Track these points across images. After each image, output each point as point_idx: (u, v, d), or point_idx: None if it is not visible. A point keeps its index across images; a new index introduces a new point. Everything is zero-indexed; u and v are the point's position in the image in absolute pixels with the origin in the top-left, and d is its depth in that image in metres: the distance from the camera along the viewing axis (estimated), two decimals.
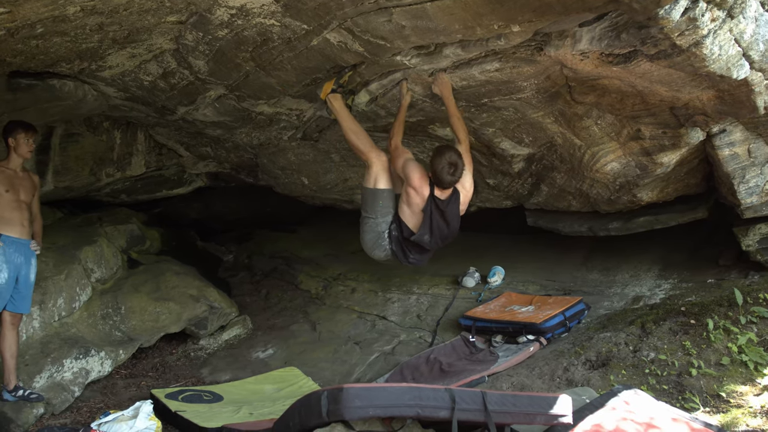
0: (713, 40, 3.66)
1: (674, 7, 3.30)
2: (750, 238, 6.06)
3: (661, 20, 3.35)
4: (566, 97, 5.13)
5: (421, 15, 4.13)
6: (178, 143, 8.56)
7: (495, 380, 5.65)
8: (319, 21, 4.57)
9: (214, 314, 7.92)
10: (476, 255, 8.41)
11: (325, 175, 8.08)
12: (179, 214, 10.92)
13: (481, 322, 6.62)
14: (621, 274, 7.32)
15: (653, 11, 3.32)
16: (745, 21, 3.76)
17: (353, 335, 7.53)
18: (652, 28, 3.55)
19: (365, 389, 3.89)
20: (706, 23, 3.51)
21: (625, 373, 5.25)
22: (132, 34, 4.92)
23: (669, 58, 3.83)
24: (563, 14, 3.78)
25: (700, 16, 3.43)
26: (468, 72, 4.94)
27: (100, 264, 7.77)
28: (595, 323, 6.28)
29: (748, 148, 5.44)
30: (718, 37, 3.68)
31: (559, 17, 3.85)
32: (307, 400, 4.06)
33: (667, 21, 3.35)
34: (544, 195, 7.06)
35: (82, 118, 7.54)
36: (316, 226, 11.23)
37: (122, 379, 6.94)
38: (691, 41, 3.60)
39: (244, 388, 6.50)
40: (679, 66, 3.89)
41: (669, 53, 3.77)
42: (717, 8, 3.50)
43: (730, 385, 4.84)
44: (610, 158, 5.78)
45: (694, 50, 3.66)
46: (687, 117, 4.84)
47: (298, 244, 10.81)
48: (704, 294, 6.11)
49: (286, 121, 6.79)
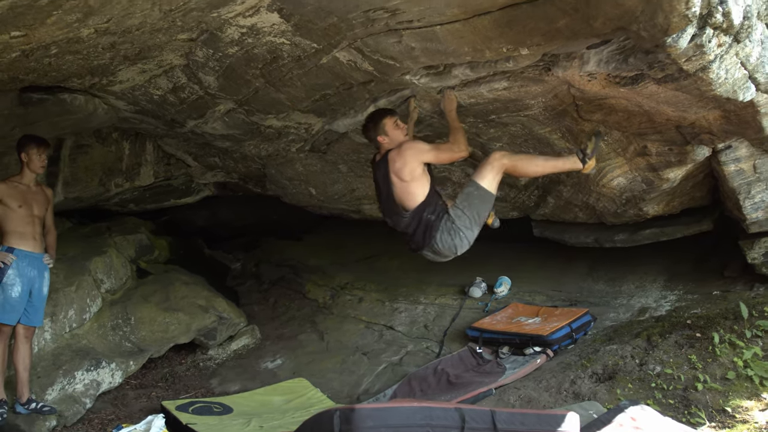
0: (720, 65, 3.70)
1: (682, 35, 3.35)
2: (756, 251, 6.10)
3: (669, 48, 3.40)
4: (573, 114, 5.17)
5: (431, 37, 4.18)
6: (187, 154, 8.61)
7: (502, 393, 5.68)
8: (329, 41, 4.63)
9: (222, 324, 7.98)
10: (482, 264, 8.43)
11: (333, 185, 8.13)
12: (186, 221, 10.97)
13: (488, 333, 6.66)
14: (627, 284, 7.35)
15: (661, 39, 3.37)
16: (751, 44, 3.81)
17: (361, 345, 7.57)
18: (659, 53, 3.60)
19: (377, 410, 3.93)
20: (713, 49, 3.55)
21: (631, 386, 5.28)
22: (143, 51, 4.99)
23: (676, 82, 3.87)
24: (571, 39, 3.84)
25: (707, 42, 3.48)
26: (476, 90, 4.99)
27: (109, 275, 7.84)
28: (602, 335, 6.31)
29: (754, 164, 5.48)
30: (725, 62, 3.72)
31: (568, 41, 3.91)
32: (319, 419, 4.09)
33: (674, 49, 3.40)
34: (550, 207, 7.10)
35: (92, 130, 7.60)
36: (323, 234, 11.28)
37: (132, 389, 7.00)
38: (698, 66, 3.64)
39: (254, 400, 6.53)
40: (685, 89, 3.94)
41: (676, 77, 3.82)
42: (724, 34, 3.54)
43: (735, 400, 4.87)
44: (616, 173, 5.82)
45: (701, 75, 3.71)
46: (693, 135, 4.88)
47: (304, 252, 10.85)
48: (710, 306, 6.14)
49: (295, 134, 6.84)
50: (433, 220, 4.91)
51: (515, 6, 3.60)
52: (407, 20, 4.05)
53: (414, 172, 4.87)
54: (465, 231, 4.88)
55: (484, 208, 4.90)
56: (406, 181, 4.89)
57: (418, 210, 4.95)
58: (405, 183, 4.91)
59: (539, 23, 3.70)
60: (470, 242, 4.99)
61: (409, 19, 4.03)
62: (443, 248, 4.97)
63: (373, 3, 3.87)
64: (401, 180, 4.91)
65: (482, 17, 3.79)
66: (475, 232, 4.95)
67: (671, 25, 3.23)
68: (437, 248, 5.00)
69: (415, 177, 4.88)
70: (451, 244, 4.92)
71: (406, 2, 3.79)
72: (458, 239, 4.89)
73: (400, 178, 4.91)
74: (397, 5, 3.85)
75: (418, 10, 3.87)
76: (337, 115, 6.16)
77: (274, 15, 4.37)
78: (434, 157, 4.94)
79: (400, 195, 4.97)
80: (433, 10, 3.83)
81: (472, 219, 4.87)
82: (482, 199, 4.86)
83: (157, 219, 10.21)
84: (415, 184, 4.90)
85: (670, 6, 3.10)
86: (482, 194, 4.85)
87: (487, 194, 4.87)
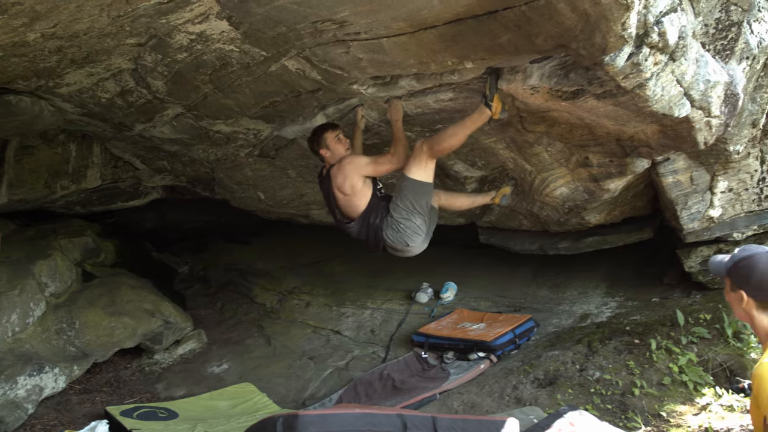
0: (656, 82, 3.82)
1: (619, 54, 3.46)
2: (692, 260, 6.28)
3: (607, 66, 3.51)
4: (517, 126, 5.27)
5: (378, 49, 4.24)
6: (135, 156, 8.54)
7: (446, 398, 5.77)
8: (277, 49, 4.66)
9: (169, 329, 7.94)
10: (429, 270, 8.51)
11: (282, 190, 8.14)
12: (134, 224, 10.87)
13: (433, 338, 6.75)
14: (570, 291, 7.49)
15: (599, 57, 3.47)
16: (686, 63, 3.93)
17: (308, 350, 7.60)
18: (598, 70, 3.71)
19: (320, 416, 3.98)
20: (649, 67, 3.67)
21: (571, 391, 5.40)
22: (91, 55, 4.95)
23: (614, 98, 3.98)
24: (514, 54, 3.92)
25: (643, 60, 3.59)
26: (423, 100, 5.06)
27: (54, 278, 7.74)
28: (544, 341, 6.43)
29: (691, 176, 5.64)
30: (661, 79, 3.84)
31: (511, 56, 4.00)
32: (263, 425, 4.13)
33: (612, 67, 3.51)
34: (495, 214, 7.21)
35: (38, 132, 7.50)
36: (272, 238, 11.26)
37: (76, 395, 6.92)
38: (635, 83, 3.75)
39: (199, 405, 6.52)
40: (624, 104, 4.06)
41: (614, 93, 3.93)
42: (660, 52, 3.66)
43: (670, 405, 5.01)
44: (559, 183, 5.95)
45: (638, 91, 3.82)
46: (632, 148, 5.02)
47: (253, 256, 10.83)
48: (648, 313, 6.30)
49: (244, 140, 6.84)
50: (378, 222, 5.08)
51: (460, 21, 3.66)
52: (355, 32, 4.09)
53: (355, 186, 5.03)
54: (405, 222, 5.00)
55: (420, 198, 5.00)
56: (348, 195, 5.07)
57: (363, 217, 5.12)
58: (348, 197, 5.08)
59: (483, 38, 3.78)
60: (420, 232, 5.10)
61: (357, 31, 4.07)
62: (395, 243, 5.12)
63: (321, 15, 3.91)
64: (344, 194, 5.09)
65: (428, 31, 3.86)
66: (416, 220, 5.03)
67: (609, 44, 3.33)
68: (391, 245, 5.16)
69: (356, 191, 5.05)
70: (399, 238, 5.07)
71: (353, 15, 3.84)
72: (403, 232, 5.03)
73: (342, 193, 5.09)
74: (344, 18, 3.89)
75: (366, 22, 3.91)
76: (285, 121, 6.18)
77: (224, 23, 4.38)
78: (373, 170, 5.08)
79: (345, 207, 5.16)
80: (380, 23, 3.88)
81: (409, 210, 4.98)
82: (414, 190, 4.97)
83: (103, 221, 10.09)
84: (357, 196, 5.08)
85: (608, 27, 3.20)
86: (412, 185, 4.96)
87: (417, 184, 4.97)
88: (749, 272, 2.54)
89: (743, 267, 2.57)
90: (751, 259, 2.56)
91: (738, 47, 4.53)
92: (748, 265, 2.56)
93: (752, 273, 2.54)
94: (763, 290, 2.54)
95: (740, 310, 2.63)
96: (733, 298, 2.64)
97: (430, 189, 5.07)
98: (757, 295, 2.54)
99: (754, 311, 2.57)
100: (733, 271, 2.61)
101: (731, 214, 5.91)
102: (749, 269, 2.55)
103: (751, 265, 2.55)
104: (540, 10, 3.30)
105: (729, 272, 2.63)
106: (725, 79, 4.35)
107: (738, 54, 4.57)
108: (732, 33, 4.47)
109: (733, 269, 2.61)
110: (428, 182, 5.02)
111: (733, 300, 2.65)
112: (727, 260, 2.65)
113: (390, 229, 5.05)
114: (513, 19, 3.46)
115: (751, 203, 5.86)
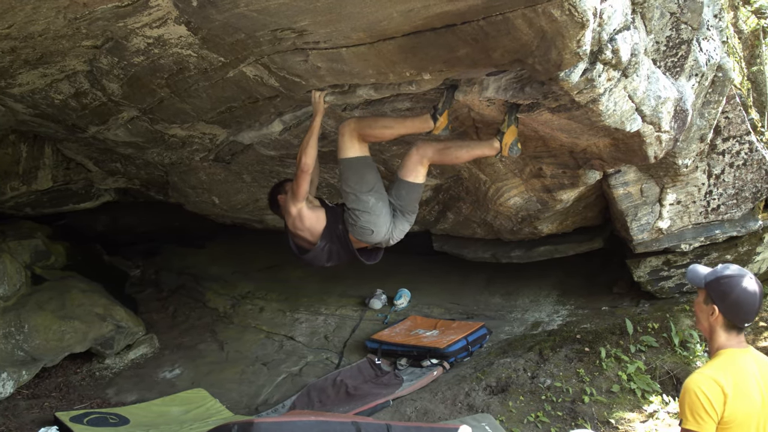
0: (609, 98, 3.91)
1: (573, 70, 3.53)
2: (641, 270, 6.42)
3: (562, 81, 3.58)
4: (473, 136, 5.34)
5: (337, 59, 4.26)
6: (87, 158, 8.44)
7: (399, 404, 5.81)
8: (236, 55, 4.65)
9: (120, 333, 7.85)
10: (383, 276, 8.56)
11: (236, 195, 8.11)
12: (85, 226, 10.70)
13: (387, 345, 6.80)
14: (522, 298, 7.60)
15: (554, 73, 3.54)
16: (638, 79, 4.04)
17: (261, 356, 7.58)
18: (553, 85, 3.78)
19: (275, 423, 3.99)
20: (603, 83, 3.75)
21: (523, 399, 5.48)
22: (45, 56, 4.90)
23: (568, 112, 4.07)
24: (472, 67, 3.98)
25: (597, 76, 3.67)
26: (380, 109, 5.09)
27: (2, 281, 7.60)
28: (497, 348, 6.51)
29: (641, 188, 5.78)
30: (614, 95, 3.93)
31: (468, 69, 4.06)
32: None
33: (566, 83, 3.58)
34: (450, 222, 7.28)
35: None
36: (225, 242, 11.17)
37: (24, 400, 6.81)
38: (589, 98, 3.83)
39: (151, 411, 6.46)
40: (577, 118, 4.14)
41: (568, 107, 4.01)
42: (613, 69, 3.75)
43: (619, 412, 5.12)
44: (513, 193, 6.03)
45: (592, 106, 3.90)
46: (585, 160, 5.11)
47: (206, 261, 10.75)
48: (598, 321, 6.42)
49: (199, 144, 6.81)
50: (341, 226, 4.85)
51: (418, 33, 3.71)
52: (314, 41, 4.11)
53: (303, 217, 4.83)
54: (357, 204, 4.72)
55: (362, 175, 4.75)
56: (306, 227, 4.85)
57: (327, 232, 4.88)
58: (306, 228, 4.86)
59: (441, 51, 3.83)
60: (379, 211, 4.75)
61: (316, 41, 4.09)
62: (363, 236, 4.80)
63: (281, 23, 3.92)
64: (302, 229, 4.88)
65: (387, 42, 3.89)
66: (369, 200, 4.72)
67: (564, 61, 3.40)
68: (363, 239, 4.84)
69: (306, 218, 4.84)
70: (362, 227, 4.75)
71: (313, 24, 3.86)
72: (360, 218, 4.70)
73: (300, 229, 4.88)
74: (304, 27, 3.91)
75: (325, 32, 3.94)
76: (242, 127, 6.17)
77: (182, 28, 4.36)
78: (296, 189, 4.80)
79: (308, 236, 4.90)
80: (339, 33, 3.91)
81: (357, 191, 4.71)
82: (352, 169, 4.75)
83: (54, 223, 9.93)
84: (312, 221, 4.84)
85: (563, 44, 3.27)
86: (348, 165, 4.76)
87: (352, 161, 4.76)
88: (728, 291, 2.62)
89: (725, 284, 2.64)
90: (733, 279, 2.63)
91: (688, 64, 4.67)
92: (729, 284, 2.63)
93: (731, 292, 2.61)
94: (735, 312, 2.62)
95: (706, 323, 2.70)
96: (703, 309, 2.71)
97: (369, 161, 4.83)
98: (728, 314, 2.62)
99: (719, 327, 2.65)
100: (713, 285, 2.68)
101: (679, 226, 6.06)
102: (729, 288, 2.62)
103: (732, 284, 2.63)
104: (497, 26, 3.35)
105: (708, 285, 2.70)
106: (675, 95, 4.47)
107: (687, 71, 4.70)
108: (682, 50, 4.60)
109: (714, 284, 2.67)
110: (363, 155, 4.80)
111: (702, 312, 2.72)
112: (708, 273, 2.72)
113: (351, 225, 4.77)
114: (471, 33, 3.51)
115: (699, 215, 6.02)
